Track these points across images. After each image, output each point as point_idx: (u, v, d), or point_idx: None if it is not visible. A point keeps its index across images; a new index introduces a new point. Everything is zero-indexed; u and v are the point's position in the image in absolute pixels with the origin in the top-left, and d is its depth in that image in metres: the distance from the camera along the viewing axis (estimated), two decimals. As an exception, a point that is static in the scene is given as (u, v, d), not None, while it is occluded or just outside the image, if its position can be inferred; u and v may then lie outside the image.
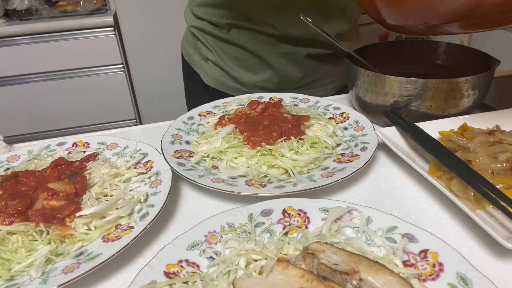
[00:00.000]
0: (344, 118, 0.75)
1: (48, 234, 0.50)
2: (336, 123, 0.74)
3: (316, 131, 0.69)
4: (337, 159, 0.63)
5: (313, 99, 0.83)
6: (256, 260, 0.43)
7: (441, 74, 0.83)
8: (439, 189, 0.51)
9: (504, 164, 0.54)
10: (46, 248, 0.47)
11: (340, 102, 0.80)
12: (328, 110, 0.78)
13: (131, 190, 0.59)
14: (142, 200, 0.56)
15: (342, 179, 0.55)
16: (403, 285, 0.35)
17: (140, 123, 2.34)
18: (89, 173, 0.60)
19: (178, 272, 0.42)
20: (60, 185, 0.54)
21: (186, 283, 0.41)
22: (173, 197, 0.60)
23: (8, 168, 0.67)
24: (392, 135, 0.65)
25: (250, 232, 0.47)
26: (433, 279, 0.39)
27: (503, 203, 0.46)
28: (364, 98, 0.74)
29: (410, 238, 0.44)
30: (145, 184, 0.60)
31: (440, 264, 0.40)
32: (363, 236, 0.46)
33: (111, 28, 2.00)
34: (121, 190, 0.57)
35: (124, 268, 0.48)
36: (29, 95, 2.06)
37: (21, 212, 0.51)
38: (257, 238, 0.46)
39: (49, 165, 0.61)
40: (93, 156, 0.65)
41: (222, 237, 0.46)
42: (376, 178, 0.61)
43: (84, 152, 0.69)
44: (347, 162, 0.60)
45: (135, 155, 0.66)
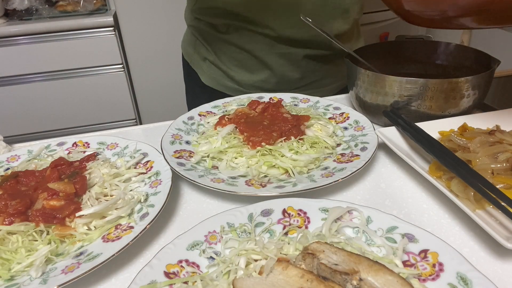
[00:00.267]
0: (344, 118, 0.75)
1: (48, 234, 0.50)
2: (336, 123, 0.74)
3: (316, 131, 0.69)
4: (337, 159, 0.63)
5: (313, 99, 0.83)
6: (256, 260, 0.43)
7: (441, 74, 0.83)
8: (439, 189, 0.51)
9: (504, 164, 0.54)
10: (46, 248, 0.47)
11: (340, 102, 0.80)
12: (328, 110, 0.78)
13: (131, 190, 0.59)
14: (142, 200, 0.56)
15: (342, 179, 0.55)
16: (403, 285, 0.35)
17: (140, 123, 2.34)
18: (89, 173, 0.60)
19: (178, 272, 0.42)
20: (60, 185, 0.54)
21: (186, 283, 0.41)
22: (173, 197, 0.60)
23: (8, 168, 0.67)
24: (392, 135, 0.65)
25: (250, 232, 0.47)
26: (433, 279, 0.39)
27: (503, 203, 0.46)
28: (364, 98, 0.74)
29: (410, 238, 0.44)
30: (145, 184, 0.60)
31: (440, 264, 0.40)
32: (363, 236, 0.46)
33: (111, 28, 2.00)
34: (121, 190, 0.57)
35: (124, 268, 0.48)
36: (29, 95, 2.06)
37: (21, 212, 0.51)
38: (257, 238, 0.46)
39: (49, 165, 0.61)
40: (93, 156, 0.65)
41: (222, 237, 0.46)
42: (376, 178, 0.61)
43: (84, 152, 0.69)
44: (347, 162, 0.60)
45: (135, 155, 0.66)
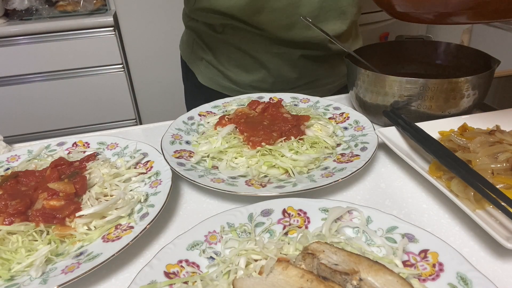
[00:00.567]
0: (344, 118, 0.75)
1: (48, 234, 0.50)
2: (336, 123, 0.74)
3: (316, 131, 0.69)
4: (337, 159, 0.63)
5: (313, 99, 0.83)
6: (256, 260, 0.43)
7: (441, 74, 0.83)
8: (439, 189, 0.51)
9: (504, 164, 0.54)
10: (46, 248, 0.47)
11: (340, 102, 0.80)
12: (328, 110, 0.78)
13: (131, 190, 0.59)
14: (142, 200, 0.56)
15: (342, 179, 0.55)
16: (403, 285, 0.35)
17: (140, 123, 2.34)
18: (89, 173, 0.60)
19: (178, 272, 0.42)
20: (60, 185, 0.54)
21: (186, 283, 0.41)
22: (173, 197, 0.60)
23: (8, 168, 0.67)
24: (392, 135, 0.65)
25: (250, 232, 0.47)
26: (433, 279, 0.39)
27: (503, 203, 0.46)
28: (364, 98, 0.74)
29: (410, 238, 0.44)
30: (145, 184, 0.60)
31: (440, 264, 0.40)
32: (363, 236, 0.46)
33: (111, 28, 2.00)
34: (121, 190, 0.57)
35: (124, 268, 0.48)
36: (29, 95, 2.06)
37: (21, 212, 0.51)
38: (257, 238, 0.46)
39: (49, 165, 0.61)
40: (93, 156, 0.65)
41: (222, 237, 0.46)
42: (376, 178, 0.61)
43: (84, 152, 0.69)
44: (347, 162, 0.60)
45: (135, 155, 0.66)
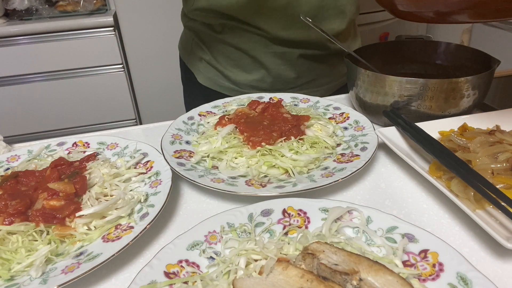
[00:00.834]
0: (344, 118, 0.75)
1: (48, 234, 0.50)
2: (336, 123, 0.74)
3: (316, 131, 0.69)
4: (337, 159, 0.63)
5: (313, 99, 0.83)
6: (256, 260, 0.43)
7: (441, 74, 0.83)
8: (439, 189, 0.51)
9: (504, 164, 0.54)
10: (46, 248, 0.47)
11: (340, 102, 0.80)
12: (328, 110, 0.78)
13: (131, 190, 0.59)
14: (142, 200, 0.56)
15: (342, 179, 0.55)
16: (403, 285, 0.35)
17: (140, 123, 2.34)
18: (89, 173, 0.60)
19: (178, 272, 0.42)
20: (60, 185, 0.54)
21: (186, 283, 0.41)
22: (173, 197, 0.60)
23: (8, 168, 0.67)
24: (392, 135, 0.65)
25: (250, 232, 0.47)
26: (433, 279, 0.39)
27: (503, 203, 0.46)
28: (364, 98, 0.74)
29: (410, 238, 0.44)
30: (145, 184, 0.60)
31: (440, 264, 0.40)
32: (363, 236, 0.46)
33: (111, 28, 2.00)
34: (121, 190, 0.57)
35: (124, 268, 0.48)
36: (29, 95, 2.06)
37: (21, 212, 0.51)
38: (257, 238, 0.46)
39: (49, 165, 0.61)
40: (93, 156, 0.65)
41: (222, 237, 0.46)
42: (376, 178, 0.61)
43: (84, 152, 0.69)
44: (347, 162, 0.60)
45: (135, 155, 0.66)
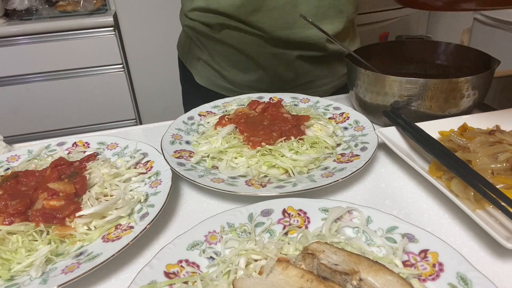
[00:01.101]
0: (344, 118, 0.75)
1: (48, 234, 0.50)
2: (336, 123, 0.74)
3: (316, 131, 0.69)
4: (337, 159, 0.63)
5: (313, 99, 0.83)
6: (256, 260, 0.43)
7: (441, 74, 0.83)
8: (439, 189, 0.51)
9: (504, 164, 0.54)
10: (46, 248, 0.47)
11: (340, 102, 0.80)
12: (328, 110, 0.78)
13: (131, 190, 0.59)
14: (142, 200, 0.56)
15: (342, 179, 0.55)
16: (403, 285, 0.35)
17: (140, 123, 2.34)
18: (89, 173, 0.60)
19: (178, 272, 0.42)
20: (60, 185, 0.54)
21: (186, 283, 0.41)
22: (173, 197, 0.60)
23: (8, 168, 0.67)
24: (392, 135, 0.65)
25: (250, 232, 0.47)
26: (433, 279, 0.39)
27: (503, 203, 0.46)
28: (364, 98, 0.74)
29: (410, 238, 0.44)
30: (145, 184, 0.60)
31: (440, 264, 0.40)
32: (363, 236, 0.46)
33: (111, 28, 2.00)
34: (121, 190, 0.57)
35: (124, 268, 0.48)
36: (29, 95, 2.06)
37: (21, 212, 0.51)
38: (257, 238, 0.46)
39: (49, 165, 0.61)
40: (93, 156, 0.65)
41: (222, 237, 0.46)
42: (376, 178, 0.61)
43: (84, 152, 0.69)
44: (347, 162, 0.60)
45: (135, 155, 0.66)
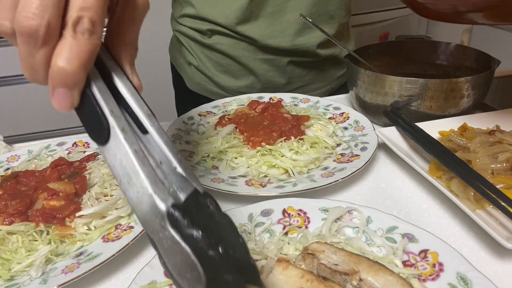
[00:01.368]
0: (344, 118, 0.75)
1: (48, 234, 0.50)
2: (336, 123, 0.74)
3: (316, 131, 0.69)
4: (337, 159, 0.63)
5: (313, 99, 0.83)
6: (256, 260, 0.43)
7: (441, 74, 0.83)
8: (439, 189, 0.51)
9: (504, 164, 0.54)
10: (46, 248, 0.47)
11: (340, 102, 0.80)
12: (328, 110, 0.78)
13: (131, 190, 0.59)
14: (142, 200, 0.55)
15: (342, 179, 0.55)
16: (403, 285, 0.35)
17: (140, 123, 2.33)
18: (89, 173, 0.60)
19: (178, 272, 0.42)
20: (60, 185, 0.54)
21: (186, 283, 0.41)
22: (173, 197, 0.60)
23: (8, 168, 0.67)
24: (392, 135, 0.65)
25: (250, 232, 0.47)
26: (433, 279, 0.39)
27: (503, 203, 0.46)
28: (364, 98, 0.74)
29: (410, 238, 0.44)
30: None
31: (440, 264, 0.40)
32: (363, 236, 0.46)
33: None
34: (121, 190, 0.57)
35: (124, 268, 0.48)
36: (29, 95, 2.06)
37: (21, 212, 0.51)
38: (257, 238, 0.46)
39: (49, 165, 0.61)
40: (93, 156, 0.65)
41: (222, 237, 0.46)
42: (376, 178, 0.61)
43: (84, 152, 0.69)
44: (347, 162, 0.60)
45: (135, 155, 0.66)
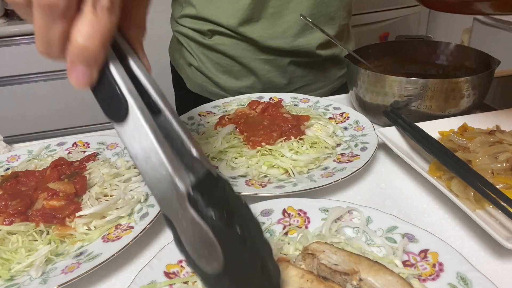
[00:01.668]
0: (344, 118, 0.75)
1: (48, 234, 0.50)
2: (336, 123, 0.74)
3: (316, 131, 0.69)
4: (337, 159, 0.63)
5: (313, 99, 0.83)
6: (256, 260, 0.43)
7: (441, 74, 0.83)
8: (439, 189, 0.51)
9: (504, 164, 0.54)
10: (46, 248, 0.47)
11: (340, 102, 0.80)
12: (328, 110, 0.78)
13: (131, 190, 0.59)
14: (142, 200, 0.55)
15: (342, 179, 0.55)
16: (403, 285, 0.35)
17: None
18: (89, 173, 0.60)
19: (178, 272, 0.42)
20: (60, 185, 0.54)
21: (186, 283, 0.41)
22: (173, 197, 0.60)
23: (8, 168, 0.67)
24: (392, 135, 0.65)
25: (250, 232, 0.47)
26: (433, 279, 0.39)
27: (503, 203, 0.46)
28: (364, 98, 0.74)
29: (410, 238, 0.44)
30: (145, 184, 0.60)
31: (440, 264, 0.40)
32: (363, 236, 0.46)
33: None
34: (121, 190, 0.57)
35: (124, 268, 0.48)
36: (29, 95, 2.06)
37: (21, 212, 0.51)
38: (257, 238, 0.46)
39: (49, 165, 0.61)
40: (93, 156, 0.65)
41: (222, 237, 0.46)
42: (376, 178, 0.61)
43: (84, 152, 0.69)
44: (347, 162, 0.60)
45: (135, 155, 0.66)
